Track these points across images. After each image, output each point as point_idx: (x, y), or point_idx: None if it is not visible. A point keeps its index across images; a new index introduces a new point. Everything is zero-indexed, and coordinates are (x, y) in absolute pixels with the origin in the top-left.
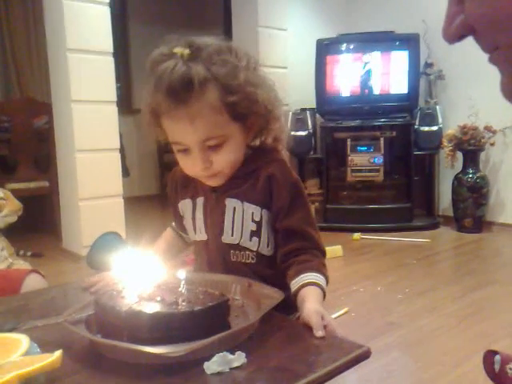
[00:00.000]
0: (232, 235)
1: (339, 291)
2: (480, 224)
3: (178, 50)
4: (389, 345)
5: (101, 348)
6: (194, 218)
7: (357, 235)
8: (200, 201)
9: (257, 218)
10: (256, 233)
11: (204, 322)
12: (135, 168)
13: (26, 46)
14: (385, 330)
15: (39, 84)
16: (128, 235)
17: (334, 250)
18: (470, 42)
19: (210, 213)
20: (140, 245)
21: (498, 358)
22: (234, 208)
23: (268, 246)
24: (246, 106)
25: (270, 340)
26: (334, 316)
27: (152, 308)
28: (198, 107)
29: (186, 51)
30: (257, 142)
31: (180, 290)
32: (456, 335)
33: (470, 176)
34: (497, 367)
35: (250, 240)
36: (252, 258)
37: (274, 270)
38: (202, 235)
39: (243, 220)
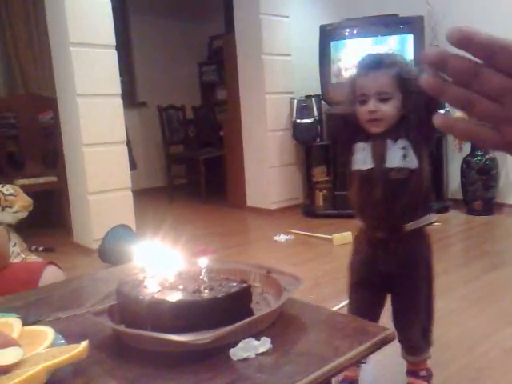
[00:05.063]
0: (392, 161)
1: None
2: (490, 206)
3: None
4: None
5: (125, 338)
6: (365, 154)
7: None
8: (369, 144)
9: (403, 146)
10: (405, 156)
11: (227, 308)
12: (141, 161)
13: (28, 42)
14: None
15: (43, 79)
16: (138, 228)
17: (343, 237)
18: (475, 22)
19: (377, 150)
20: (156, 237)
21: None
22: (392, 145)
23: (414, 161)
24: (407, 85)
25: (294, 325)
26: (345, 303)
27: (175, 296)
28: (383, 73)
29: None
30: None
31: (201, 277)
32: (469, 318)
33: (479, 158)
34: None
35: (403, 161)
36: (404, 174)
37: (419, 178)
38: (369, 164)
39: (397, 151)
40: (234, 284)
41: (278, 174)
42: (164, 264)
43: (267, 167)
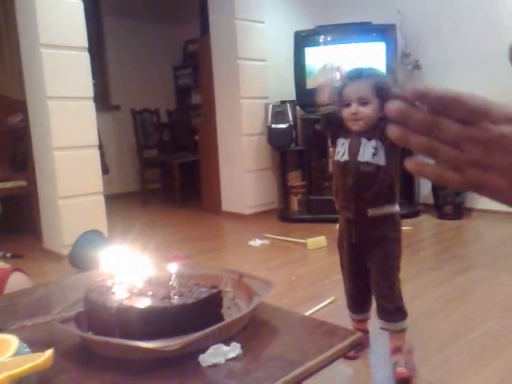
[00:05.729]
0: (363, 156)
1: (325, 281)
2: (460, 211)
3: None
4: (375, 332)
5: (93, 345)
6: (344, 148)
7: None
8: (348, 141)
9: (374, 145)
10: (375, 154)
11: (197, 314)
12: (114, 165)
13: None
14: (371, 317)
15: (12, 81)
16: (110, 233)
17: (318, 241)
18: (445, 31)
19: (353, 146)
20: (125, 242)
21: None
22: (365, 143)
23: (382, 159)
24: (382, 93)
25: (264, 330)
26: (320, 305)
27: (144, 303)
28: (362, 82)
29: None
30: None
31: (171, 283)
32: (441, 319)
33: None
34: None
35: (372, 158)
36: (373, 168)
37: (385, 174)
38: (345, 157)
39: (369, 148)
40: (204, 290)
41: (254, 178)
42: (133, 270)
43: (242, 172)
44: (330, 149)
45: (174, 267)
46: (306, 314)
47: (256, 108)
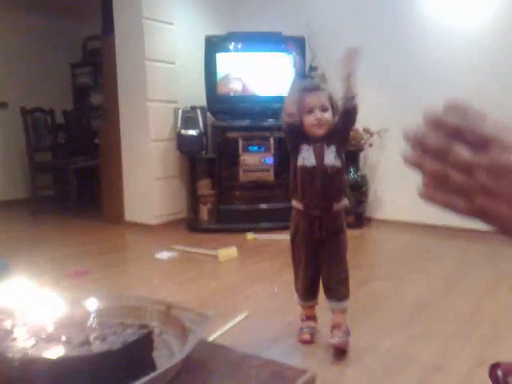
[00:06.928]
0: (328, 160)
1: (237, 295)
2: (361, 220)
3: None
4: (292, 346)
5: None
6: (309, 154)
7: (251, 235)
8: (311, 147)
9: (334, 150)
10: (336, 157)
11: (125, 362)
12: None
13: None
14: (286, 332)
15: None
16: None
17: (229, 253)
18: (351, 45)
19: (317, 151)
20: (12, 258)
21: (499, 373)
22: (327, 148)
23: (340, 162)
24: (333, 103)
25: (202, 373)
26: (234, 322)
27: (56, 352)
28: (321, 92)
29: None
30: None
31: (90, 324)
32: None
33: (352, 175)
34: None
35: (335, 161)
36: (336, 170)
37: (343, 173)
38: (312, 162)
39: (331, 153)
40: (132, 331)
41: (161, 186)
42: (39, 306)
43: (148, 179)
44: (241, 157)
45: (92, 302)
46: (220, 332)
47: (164, 112)
